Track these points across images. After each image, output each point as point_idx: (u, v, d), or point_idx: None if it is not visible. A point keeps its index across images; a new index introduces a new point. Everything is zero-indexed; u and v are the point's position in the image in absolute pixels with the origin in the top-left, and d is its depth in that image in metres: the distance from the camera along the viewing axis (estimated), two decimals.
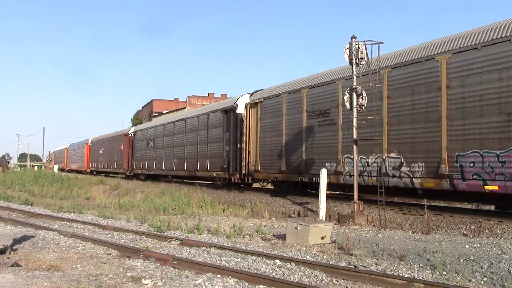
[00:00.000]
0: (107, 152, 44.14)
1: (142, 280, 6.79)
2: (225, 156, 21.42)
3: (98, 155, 47.96)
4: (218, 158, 22.44)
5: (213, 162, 23.05)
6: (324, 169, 13.32)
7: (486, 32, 11.30)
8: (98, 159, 47.77)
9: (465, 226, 10.76)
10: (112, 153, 42.33)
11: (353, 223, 12.40)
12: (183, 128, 27.37)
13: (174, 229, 12.20)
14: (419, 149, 12.47)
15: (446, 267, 7.39)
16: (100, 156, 46.76)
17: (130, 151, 36.75)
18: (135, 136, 36.40)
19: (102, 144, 46.23)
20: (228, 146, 21.43)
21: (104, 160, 45.00)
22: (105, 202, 21.79)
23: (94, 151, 49.72)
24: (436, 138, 12.00)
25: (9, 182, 33.24)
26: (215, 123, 23.21)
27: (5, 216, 15.75)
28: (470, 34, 11.72)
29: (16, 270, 7.50)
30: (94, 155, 49.51)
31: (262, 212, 15.40)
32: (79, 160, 56.31)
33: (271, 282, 6.49)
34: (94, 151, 49.48)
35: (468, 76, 11.42)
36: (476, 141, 11.10)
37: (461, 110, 11.50)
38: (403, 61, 13.24)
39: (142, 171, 33.94)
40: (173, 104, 74.77)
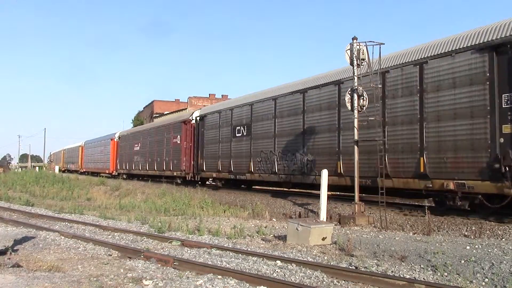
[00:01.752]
0: (148, 148, 33.95)
1: (143, 281, 6.78)
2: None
3: (131, 153, 37.94)
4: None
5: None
6: (325, 170, 13.32)
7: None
8: (131, 159, 37.73)
9: (466, 227, 10.75)
10: (157, 149, 31.93)
11: (354, 224, 12.39)
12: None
13: (175, 230, 12.20)
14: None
15: (447, 268, 7.38)
16: (135, 154, 36.67)
17: (192, 144, 26.81)
18: (204, 122, 25.25)
19: (139, 138, 36.43)
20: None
21: (143, 159, 34.67)
22: (106, 203, 21.80)
23: (124, 148, 40.22)
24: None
25: (10, 183, 33.25)
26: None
27: (6, 217, 15.77)
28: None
29: (17, 271, 7.50)
30: (125, 153, 39.79)
31: (263, 213, 15.39)
32: (100, 160, 48.28)
33: (272, 283, 6.49)
34: (125, 148, 39.98)
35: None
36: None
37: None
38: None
39: (222, 175, 23.08)
40: (174, 105, 74.83)
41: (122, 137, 41.20)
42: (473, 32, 11.52)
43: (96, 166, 49.62)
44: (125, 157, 39.47)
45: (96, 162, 49.65)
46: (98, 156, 48.67)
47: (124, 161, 39.54)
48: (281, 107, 18.46)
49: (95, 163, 50.28)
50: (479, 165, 10.89)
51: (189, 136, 26.84)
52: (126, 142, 39.71)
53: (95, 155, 50.37)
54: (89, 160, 53.32)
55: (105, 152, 45.45)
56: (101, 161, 47.05)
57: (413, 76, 12.79)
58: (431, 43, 12.69)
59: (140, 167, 35.18)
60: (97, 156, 49.21)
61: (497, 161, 10.49)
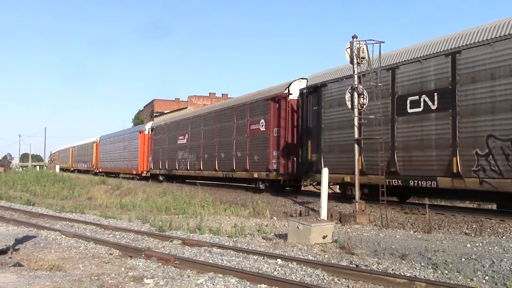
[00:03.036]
0: (203, 140, 25.11)
1: (144, 279, 6.80)
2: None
3: (173, 148, 29.07)
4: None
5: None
6: (326, 168, 13.31)
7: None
8: (173, 155, 28.82)
9: (467, 225, 10.75)
10: (218, 141, 23.22)
11: (354, 222, 12.40)
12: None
13: (176, 229, 12.21)
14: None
15: (448, 266, 7.39)
16: (180, 149, 27.89)
17: (289, 131, 18.19)
18: (321, 94, 16.52)
19: (186, 127, 27.68)
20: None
21: (194, 155, 26.03)
22: (106, 202, 21.84)
23: (160, 142, 31.50)
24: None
25: (11, 182, 33.29)
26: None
27: (7, 216, 15.79)
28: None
29: (18, 270, 7.51)
30: (163, 148, 30.84)
31: (263, 211, 15.41)
32: (123, 158, 39.04)
33: (272, 282, 6.49)
34: (162, 142, 31.19)
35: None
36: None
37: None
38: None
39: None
40: (175, 104, 74.77)
41: (157, 129, 32.42)
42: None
43: (117, 166, 40.42)
44: (163, 153, 30.61)
45: (118, 161, 40.47)
46: (121, 154, 39.61)
47: (161, 159, 30.64)
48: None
49: (115, 162, 41.26)
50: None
51: (286, 118, 18.20)
52: (163, 134, 30.93)
53: (116, 152, 41.39)
54: (107, 158, 44.44)
55: (131, 148, 36.69)
56: (125, 159, 38.04)
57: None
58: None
59: (188, 166, 26.27)
60: (119, 154, 40.13)
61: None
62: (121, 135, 41.82)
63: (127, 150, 37.97)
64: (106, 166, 44.71)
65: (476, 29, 11.85)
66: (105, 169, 44.57)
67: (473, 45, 11.58)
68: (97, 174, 44.63)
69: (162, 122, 32.79)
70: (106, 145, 45.71)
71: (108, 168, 43.57)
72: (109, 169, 43.20)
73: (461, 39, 12.00)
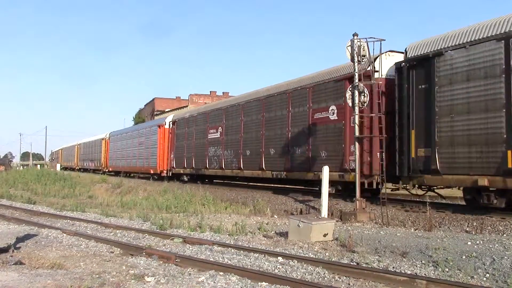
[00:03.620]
0: (243, 133, 20.62)
1: (145, 277, 6.81)
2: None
3: (201, 143, 24.36)
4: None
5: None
6: (326, 166, 13.31)
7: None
8: (202, 152, 24.23)
9: (468, 223, 10.75)
10: (264, 136, 18.96)
11: (355, 220, 12.40)
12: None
13: (177, 227, 12.22)
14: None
15: (449, 263, 7.39)
16: (212, 144, 23.19)
17: (376, 120, 13.77)
18: (439, 65, 12.14)
19: (219, 118, 23.00)
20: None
21: (231, 152, 21.34)
22: (107, 200, 21.86)
23: (185, 137, 26.65)
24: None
25: (11, 181, 33.32)
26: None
27: (8, 214, 15.81)
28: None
29: (19, 268, 7.53)
30: (188, 144, 26.12)
31: (264, 210, 15.41)
32: (138, 155, 34.43)
33: (273, 279, 6.50)
34: (187, 137, 26.31)
35: None
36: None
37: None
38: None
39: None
40: (175, 102, 74.86)
41: (180, 122, 27.80)
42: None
43: (130, 165, 36.33)
44: (188, 150, 26.09)
45: (132, 159, 36.15)
46: (135, 151, 35.18)
47: (186, 156, 26.22)
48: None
49: (129, 161, 36.97)
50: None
51: (371, 102, 13.63)
52: (189, 128, 26.42)
53: (129, 149, 36.87)
54: (119, 156, 40.07)
55: (147, 144, 32.30)
56: (141, 158, 33.60)
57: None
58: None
59: (223, 164, 21.69)
60: (133, 151, 35.66)
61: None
62: (135, 131, 37.04)
63: (143, 146, 33.35)
64: (117, 165, 40.27)
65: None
66: (115, 168, 40.31)
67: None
68: (106, 174, 40.13)
69: (187, 114, 27.72)
70: (117, 142, 41.16)
71: (120, 167, 39.05)
72: (120, 168, 38.64)
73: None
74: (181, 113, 31.13)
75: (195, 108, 31.16)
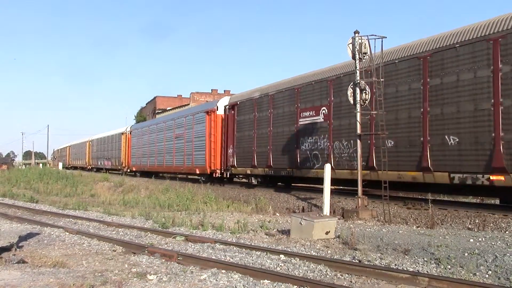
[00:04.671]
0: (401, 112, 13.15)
1: (147, 276, 6.82)
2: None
3: (286, 133, 17.93)
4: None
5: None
6: (328, 164, 13.31)
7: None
8: (290, 145, 17.60)
9: (470, 220, 10.74)
10: (429, 115, 12.22)
11: (357, 218, 12.40)
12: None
13: (179, 225, 12.24)
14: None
15: (451, 261, 7.39)
16: (309, 133, 16.65)
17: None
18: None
19: (325, 94, 16.11)
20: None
21: (347, 144, 14.92)
22: (109, 199, 21.91)
23: (253, 125, 20.13)
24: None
25: (14, 180, 33.39)
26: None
27: (11, 213, 15.86)
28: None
29: (22, 267, 7.55)
30: (260, 135, 19.63)
31: (266, 207, 15.42)
32: (175, 151, 27.72)
33: (275, 277, 6.51)
34: (258, 125, 19.82)
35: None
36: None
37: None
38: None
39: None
40: (177, 100, 74.90)
41: (245, 105, 20.99)
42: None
43: (162, 163, 29.70)
44: (260, 142, 19.41)
45: (165, 156, 29.32)
46: (170, 146, 28.45)
47: (257, 152, 19.60)
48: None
49: (160, 158, 30.13)
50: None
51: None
52: (261, 112, 19.64)
53: (160, 144, 30.18)
54: (145, 153, 33.28)
55: (189, 137, 25.72)
56: (180, 154, 26.91)
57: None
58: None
59: (332, 160, 15.20)
60: (168, 146, 28.82)
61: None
62: (169, 121, 29.62)
63: (182, 140, 26.60)
64: (142, 163, 33.64)
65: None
66: (140, 168, 34.27)
67: None
68: (128, 175, 35.20)
69: (256, 94, 20.28)
70: (141, 137, 34.39)
71: (147, 166, 32.49)
72: (149, 168, 32.32)
73: None
74: (244, 94, 22.12)
75: (265, 86, 20.49)
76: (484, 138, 10.88)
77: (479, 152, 10.98)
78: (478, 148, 11.03)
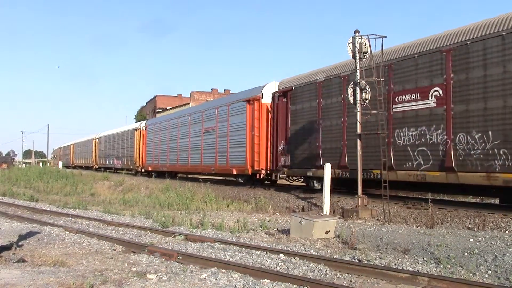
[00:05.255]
0: None
1: (147, 275, 6.83)
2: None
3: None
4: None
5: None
6: (328, 163, 13.30)
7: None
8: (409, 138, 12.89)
9: (470, 220, 10.74)
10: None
11: (357, 217, 12.40)
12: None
13: (179, 225, 12.25)
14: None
15: (451, 260, 7.39)
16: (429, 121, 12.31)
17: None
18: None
19: (443, 69, 11.89)
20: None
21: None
22: (109, 198, 21.92)
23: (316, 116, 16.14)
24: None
25: (14, 179, 33.38)
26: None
27: (11, 212, 15.86)
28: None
29: (22, 266, 7.56)
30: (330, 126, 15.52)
31: (266, 207, 15.42)
32: (203, 147, 23.88)
33: (275, 277, 6.51)
34: (325, 116, 15.79)
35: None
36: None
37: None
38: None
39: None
40: (177, 100, 74.94)
41: (300, 91, 17.12)
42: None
43: (186, 162, 25.90)
44: (324, 136, 15.78)
45: (191, 154, 25.31)
46: (197, 142, 24.57)
47: (322, 148, 15.81)
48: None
49: (184, 156, 26.24)
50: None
51: None
52: (327, 99, 15.83)
53: (184, 141, 26.23)
54: (163, 151, 29.57)
55: (223, 131, 21.73)
56: (209, 151, 23.00)
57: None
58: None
59: (453, 161, 11.48)
60: (194, 142, 24.96)
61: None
62: (196, 113, 25.63)
63: (214, 135, 22.59)
64: (161, 162, 29.89)
65: None
66: (157, 167, 30.44)
67: None
68: (144, 175, 31.99)
69: (320, 76, 16.21)
70: (160, 133, 30.60)
71: (167, 166, 28.91)
72: (168, 168, 28.89)
73: None
74: (298, 78, 17.66)
75: (331, 66, 16.36)
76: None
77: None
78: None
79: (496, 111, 10.68)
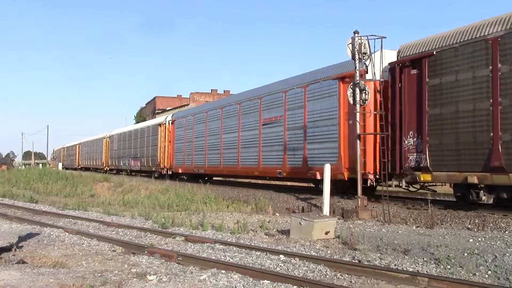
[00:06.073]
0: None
1: (147, 276, 6.83)
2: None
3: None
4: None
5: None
6: (328, 164, 13.30)
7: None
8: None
9: (469, 220, 10.74)
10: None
11: (357, 218, 12.40)
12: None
13: (179, 226, 12.24)
14: None
15: (450, 261, 7.39)
16: None
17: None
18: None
19: None
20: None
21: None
22: (109, 199, 21.89)
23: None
24: None
25: (14, 180, 33.37)
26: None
27: (11, 213, 15.86)
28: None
29: (21, 267, 7.55)
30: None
31: (266, 207, 15.41)
32: (263, 144, 18.53)
33: (275, 277, 6.51)
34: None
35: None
36: None
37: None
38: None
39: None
40: (177, 100, 75.03)
41: (447, 55, 11.52)
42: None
43: (235, 163, 20.65)
44: (505, 123, 10.18)
45: (236, 151, 20.54)
46: (250, 136, 19.56)
47: (487, 142, 10.53)
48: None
49: (230, 154, 21.11)
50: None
51: None
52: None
53: (228, 136, 21.33)
54: (199, 149, 24.35)
55: (299, 121, 16.58)
56: (269, 150, 18.17)
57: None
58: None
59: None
60: (240, 138, 20.25)
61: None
62: (249, 100, 20.05)
63: (282, 127, 17.52)
64: (196, 163, 24.67)
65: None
66: (190, 169, 25.55)
67: None
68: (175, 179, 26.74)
69: (499, 29, 10.48)
70: (194, 126, 25.14)
71: (205, 167, 23.57)
72: (207, 170, 23.60)
73: None
74: (438, 37, 12.08)
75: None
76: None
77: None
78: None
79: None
